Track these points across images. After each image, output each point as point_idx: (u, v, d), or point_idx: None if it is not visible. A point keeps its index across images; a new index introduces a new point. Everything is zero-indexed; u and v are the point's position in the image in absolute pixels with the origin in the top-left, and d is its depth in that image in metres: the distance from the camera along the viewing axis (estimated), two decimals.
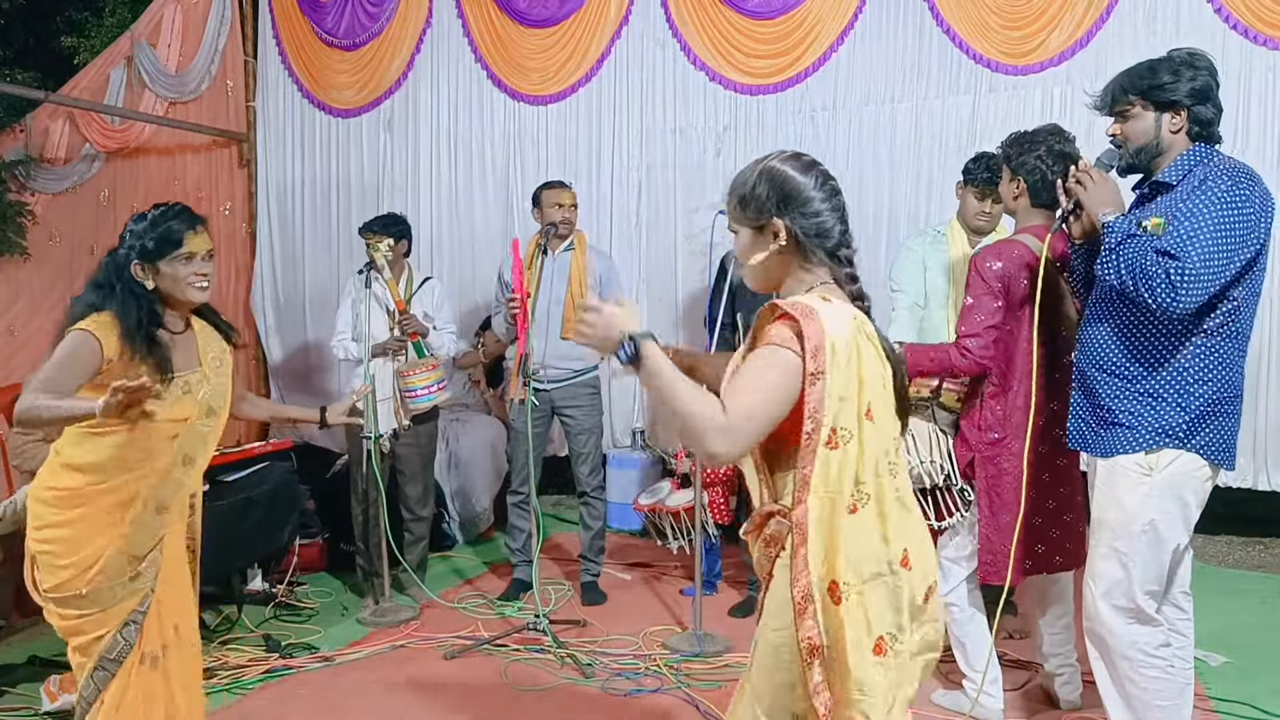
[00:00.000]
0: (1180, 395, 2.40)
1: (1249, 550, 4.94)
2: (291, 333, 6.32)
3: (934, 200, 4.88)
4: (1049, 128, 2.96)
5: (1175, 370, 2.40)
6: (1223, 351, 2.39)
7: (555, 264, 4.20)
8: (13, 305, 6.23)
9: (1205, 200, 2.31)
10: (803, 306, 1.66)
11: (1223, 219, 2.29)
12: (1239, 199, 2.31)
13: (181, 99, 6.22)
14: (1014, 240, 2.95)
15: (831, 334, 1.64)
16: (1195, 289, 2.27)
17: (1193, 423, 2.40)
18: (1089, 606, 2.55)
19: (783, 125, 5.23)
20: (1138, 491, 2.44)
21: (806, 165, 1.79)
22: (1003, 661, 3.35)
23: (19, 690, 3.42)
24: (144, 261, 2.32)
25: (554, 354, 4.20)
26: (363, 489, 4.30)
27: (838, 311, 1.69)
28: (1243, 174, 2.36)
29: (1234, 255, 2.30)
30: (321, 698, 3.39)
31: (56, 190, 6.37)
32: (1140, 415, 2.44)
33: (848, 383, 1.65)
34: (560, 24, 5.59)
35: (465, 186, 5.93)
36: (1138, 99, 2.44)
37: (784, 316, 1.67)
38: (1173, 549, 2.46)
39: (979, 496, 2.98)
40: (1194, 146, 2.44)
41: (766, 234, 1.77)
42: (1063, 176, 2.72)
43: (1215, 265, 2.27)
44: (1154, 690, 2.46)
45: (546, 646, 3.72)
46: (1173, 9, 4.53)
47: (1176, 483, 2.43)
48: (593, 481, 4.36)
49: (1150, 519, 2.43)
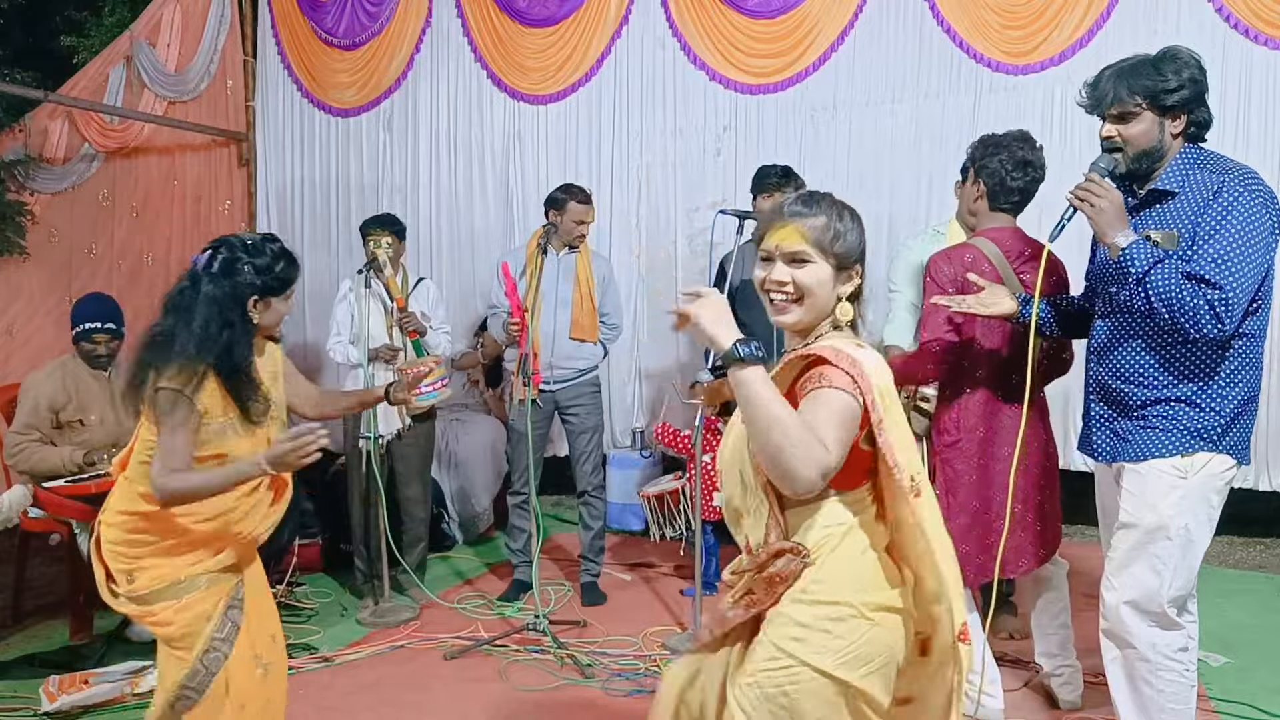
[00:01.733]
0: (1215, 400, 2.37)
1: (1249, 550, 4.94)
2: (291, 332, 6.31)
3: (934, 200, 4.88)
4: (1016, 134, 2.96)
5: (1208, 376, 2.37)
6: (1250, 352, 2.38)
7: (560, 265, 4.19)
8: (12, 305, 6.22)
9: (1227, 215, 2.25)
10: (847, 356, 1.65)
11: (1250, 232, 2.24)
12: (1258, 208, 2.26)
13: (181, 99, 6.22)
14: (967, 244, 2.97)
15: (873, 379, 1.64)
16: (1238, 313, 2.24)
17: (1226, 425, 2.38)
18: (1110, 609, 2.50)
19: (783, 125, 5.23)
20: (1172, 495, 2.40)
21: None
22: (1003, 662, 3.35)
23: (19, 690, 3.42)
24: (262, 298, 2.28)
25: (561, 354, 4.20)
26: (362, 490, 4.30)
27: (871, 358, 1.68)
28: (1254, 178, 2.32)
29: (1260, 266, 2.27)
30: (321, 698, 3.39)
31: (56, 190, 6.37)
32: (1175, 419, 2.39)
33: (901, 426, 1.69)
34: (560, 24, 5.59)
35: (465, 186, 5.93)
36: (1145, 100, 2.35)
37: (823, 362, 1.65)
38: (1202, 552, 2.45)
39: (938, 499, 2.98)
40: (1185, 148, 2.39)
41: (847, 276, 1.76)
42: (1026, 184, 2.84)
43: (1249, 284, 2.25)
44: (1169, 693, 2.44)
45: (546, 647, 3.71)
46: (1173, 9, 4.53)
47: (1207, 485, 2.40)
48: (593, 481, 4.36)
49: (1185, 524, 2.39)
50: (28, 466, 3.85)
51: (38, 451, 3.86)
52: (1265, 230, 2.26)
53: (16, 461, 3.87)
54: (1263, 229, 2.26)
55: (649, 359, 5.58)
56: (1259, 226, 2.25)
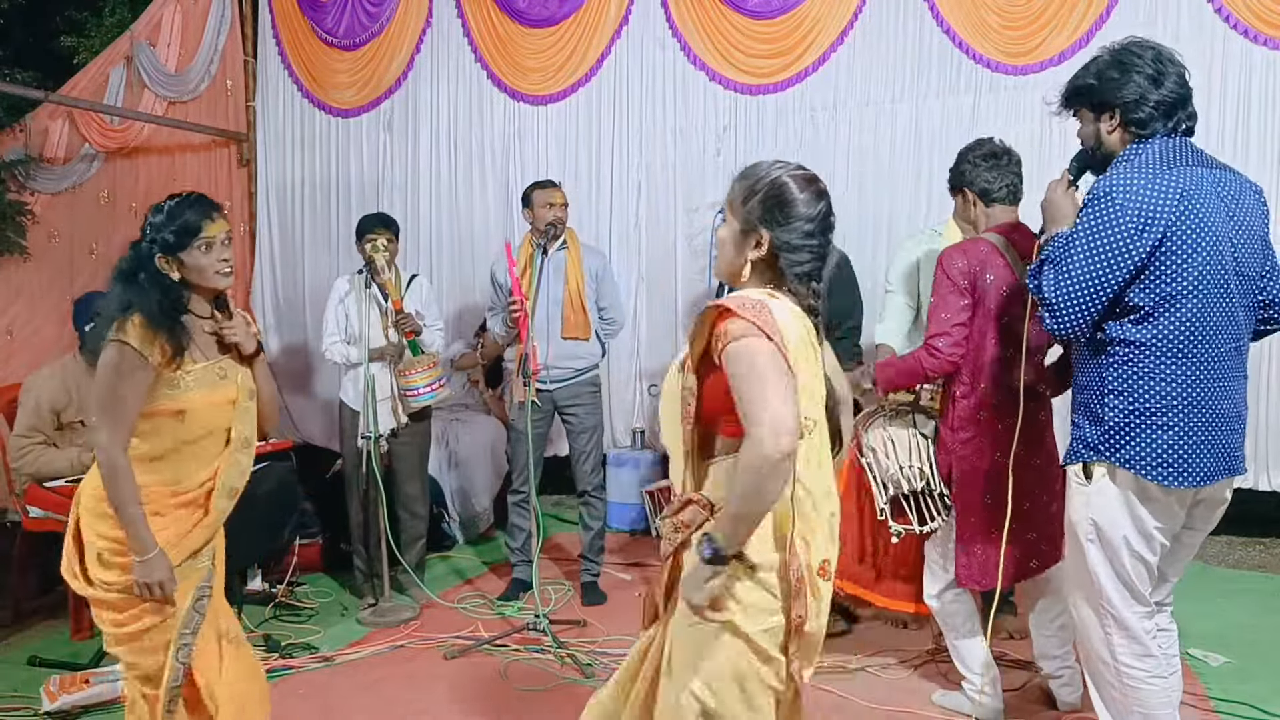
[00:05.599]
0: (1099, 406, 2.36)
1: (1249, 550, 4.94)
2: (291, 332, 6.32)
3: (934, 200, 4.88)
4: (972, 142, 3.13)
5: (1094, 380, 2.38)
6: (1141, 360, 2.29)
7: (551, 264, 4.19)
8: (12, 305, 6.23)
9: (1080, 219, 2.31)
10: (752, 303, 1.72)
11: (1087, 240, 2.27)
12: (1105, 215, 2.25)
13: (181, 99, 6.22)
14: (979, 239, 3.01)
15: (785, 329, 1.71)
16: (1061, 314, 2.30)
17: (1110, 435, 2.34)
18: (1069, 608, 2.57)
19: (783, 125, 5.23)
20: (1076, 499, 2.45)
21: (816, 193, 1.83)
22: (1002, 662, 3.36)
23: (19, 690, 3.42)
24: (167, 254, 2.33)
25: (556, 354, 4.21)
26: (361, 489, 4.30)
27: (784, 307, 1.77)
28: (1123, 185, 2.26)
29: (1104, 274, 2.25)
30: (321, 698, 3.39)
31: (56, 190, 6.38)
32: (1076, 425, 2.45)
33: (807, 377, 1.75)
34: (560, 24, 5.59)
35: (465, 186, 5.93)
36: (1079, 103, 2.44)
37: (730, 314, 1.72)
38: (1126, 552, 2.38)
39: (954, 499, 2.99)
40: (1129, 146, 2.37)
41: (749, 239, 1.84)
42: (1003, 170, 2.99)
43: (1077, 290, 2.27)
44: (1132, 698, 2.43)
45: (546, 646, 3.71)
46: (1173, 9, 4.53)
47: (1112, 490, 2.37)
48: (593, 481, 4.36)
49: (1091, 519, 2.41)
50: (33, 470, 3.83)
51: (43, 455, 3.84)
52: (1107, 237, 2.24)
53: (21, 465, 3.85)
54: (1105, 235, 2.25)
55: (649, 359, 5.58)
56: (1099, 232, 2.25)
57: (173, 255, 2.33)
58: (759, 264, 1.84)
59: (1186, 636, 3.61)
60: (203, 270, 2.35)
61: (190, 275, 2.35)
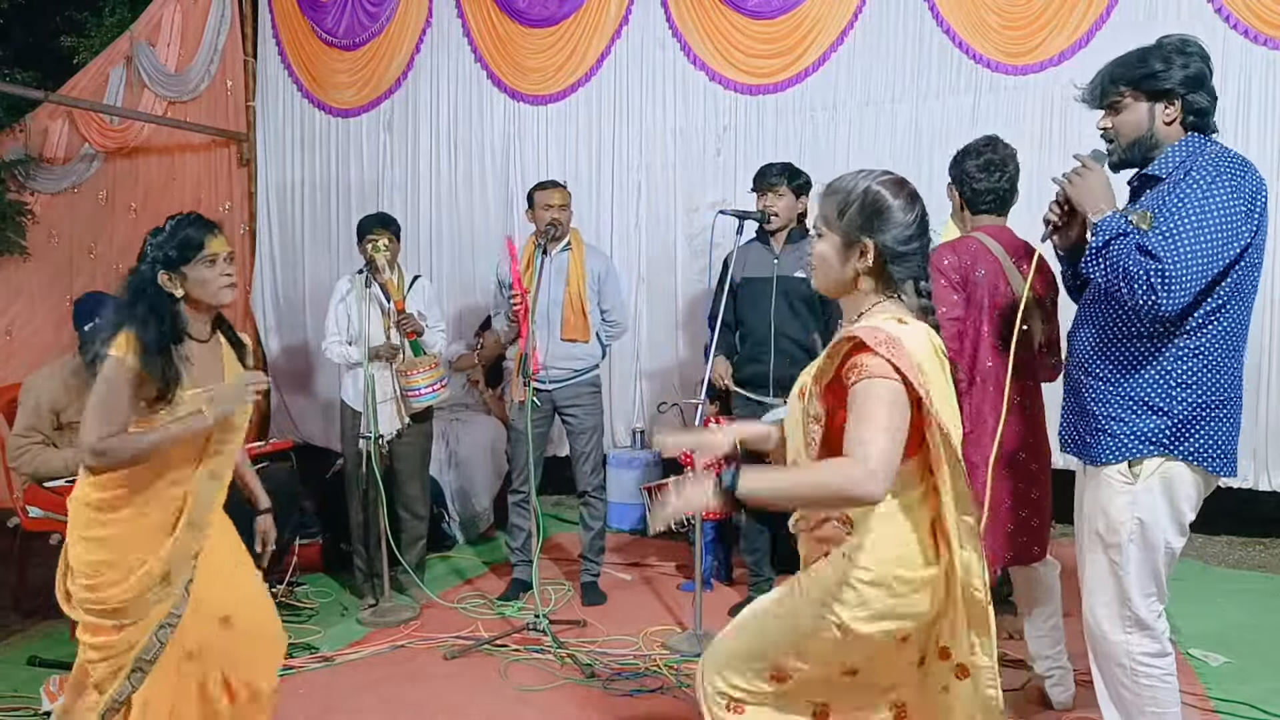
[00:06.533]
0: (1164, 399, 2.31)
1: (1249, 550, 4.94)
2: (291, 332, 6.32)
3: (933, 200, 4.77)
4: (983, 139, 3.09)
5: (1158, 373, 2.32)
6: (1209, 352, 2.30)
7: (553, 264, 4.19)
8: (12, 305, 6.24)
9: (1187, 195, 2.23)
10: (886, 338, 1.73)
11: (1204, 214, 2.20)
12: (1222, 191, 2.22)
13: (181, 99, 6.23)
14: (967, 236, 3.04)
15: (917, 356, 1.74)
16: (1177, 290, 2.19)
17: (1178, 428, 2.31)
18: (1085, 613, 2.51)
19: (783, 125, 5.24)
20: (1120, 499, 2.37)
21: (910, 196, 1.88)
22: (1002, 662, 3.34)
23: (19, 690, 3.42)
24: (170, 270, 2.34)
25: (555, 354, 4.21)
26: (361, 489, 4.30)
27: (915, 332, 1.79)
28: (1230, 163, 2.26)
29: (1219, 252, 2.21)
30: (321, 698, 3.39)
31: (56, 190, 6.39)
32: (1123, 421, 2.35)
33: (944, 391, 1.80)
34: (560, 24, 5.59)
35: (465, 186, 5.94)
36: (1128, 89, 2.36)
37: (865, 349, 1.74)
38: (1164, 550, 2.38)
39: None
40: (1187, 137, 2.35)
41: (853, 251, 1.86)
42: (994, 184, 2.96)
43: (1197, 264, 2.19)
44: (1146, 697, 2.43)
45: (546, 646, 3.72)
46: (1173, 9, 4.54)
47: (1161, 487, 2.35)
48: (593, 481, 4.36)
49: (1137, 518, 2.36)
50: (31, 469, 3.84)
51: (41, 454, 3.84)
52: (1224, 215, 2.20)
53: (20, 464, 3.85)
54: (1222, 212, 2.20)
55: (649, 359, 5.58)
56: (1218, 208, 2.20)
57: (175, 270, 2.34)
58: (866, 274, 1.87)
59: (1186, 636, 3.64)
60: (206, 284, 2.37)
61: (193, 290, 2.36)
